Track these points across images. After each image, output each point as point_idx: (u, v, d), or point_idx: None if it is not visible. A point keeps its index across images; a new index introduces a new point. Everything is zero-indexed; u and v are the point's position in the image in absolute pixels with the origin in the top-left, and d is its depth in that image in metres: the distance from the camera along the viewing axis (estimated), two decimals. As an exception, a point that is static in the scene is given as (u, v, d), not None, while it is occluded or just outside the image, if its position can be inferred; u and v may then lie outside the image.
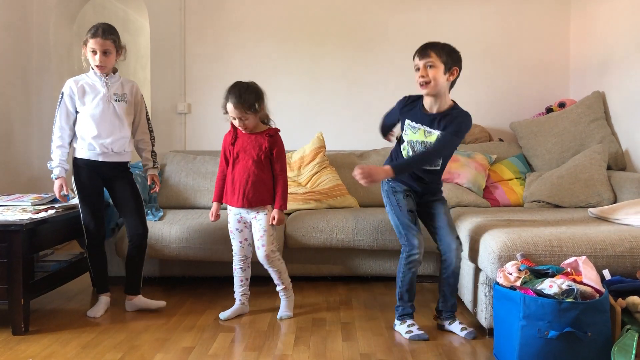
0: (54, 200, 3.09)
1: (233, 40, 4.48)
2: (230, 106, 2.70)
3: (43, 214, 2.76)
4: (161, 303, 2.94)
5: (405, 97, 2.66)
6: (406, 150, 2.60)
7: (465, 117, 2.50)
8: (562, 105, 4.08)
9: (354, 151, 4.18)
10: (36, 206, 2.91)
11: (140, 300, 2.93)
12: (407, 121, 2.59)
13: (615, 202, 3.24)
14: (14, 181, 4.14)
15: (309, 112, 4.47)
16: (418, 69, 2.48)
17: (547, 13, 4.38)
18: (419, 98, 2.60)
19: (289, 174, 3.85)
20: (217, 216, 2.90)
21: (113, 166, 2.87)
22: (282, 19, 4.46)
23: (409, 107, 2.61)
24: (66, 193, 2.87)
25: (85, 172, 2.85)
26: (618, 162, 3.59)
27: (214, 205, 2.90)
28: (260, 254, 2.78)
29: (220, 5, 4.47)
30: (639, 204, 2.76)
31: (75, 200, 3.07)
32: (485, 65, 4.41)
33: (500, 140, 4.23)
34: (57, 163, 2.84)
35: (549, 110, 4.16)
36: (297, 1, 4.45)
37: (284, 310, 2.85)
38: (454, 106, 2.55)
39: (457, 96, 2.59)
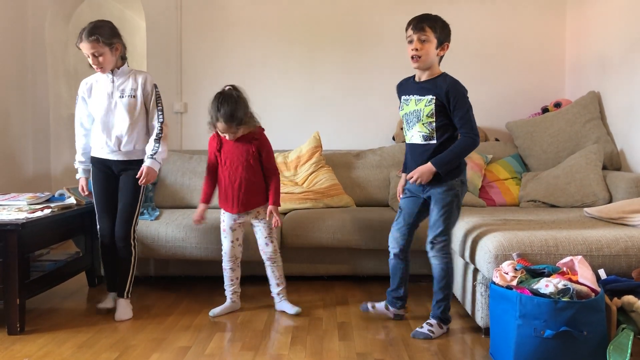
0: (50, 200, 3.08)
1: (229, 40, 4.47)
2: (221, 125, 2.70)
3: (39, 214, 2.75)
4: (125, 316, 2.79)
5: (397, 84, 2.72)
6: (405, 129, 2.63)
7: (455, 81, 2.50)
8: (557, 105, 4.09)
9: (350, 151, 4.18)
10: (32, 205, 2.90)
11: (119, 303, 2.83)
12: (402, 98, 2.64)
13: (610, 201, 3.26)
14: (10, 180, 4.12)
15: (305, 111, 4.47)
16: (411, 41, 2.50)
17: (543, 13, 4.39)
18: (411, 77, 2.66)
19: (286, 173, 3.85)
20: (201, 219, 2.89)
21: (123, 163, 2.82)
22: (278, 18, 4.45)
23: (402, 86, 2.68)
24: (86, 193, 2.93)
25: (98, 171, 2.85)
26: (613, 162, 3.60)
27: (201, 206, 2.90)
28: (270, 250, 2.85)
29: (216, 4, 4.46)
30: (634, 203, 2.77)
31: (71, 200, 3.06)
32: (482, 65, 4.41)
33: (497, 140, 4.24)
34: (77, 164, 2.91)
35: (545, 110, 4.17)
36: (293, 1, 4.44)
37: (291, 307, 2.85)
38: (442, 74, 2.55)
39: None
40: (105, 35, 2.66)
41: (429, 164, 2.47)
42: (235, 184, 2.79)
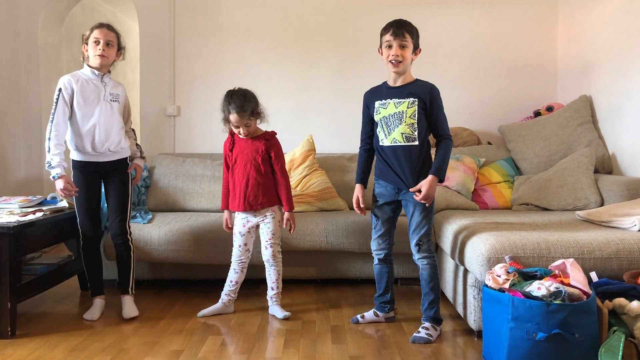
0: (42, 203, 3.06)
1: (223, 43, 4.47)
2: (234, 117, 2.77)
3: (30, 217, 2.73)
4: (133, 313, 2.85)
5: (366, 92, 2.75)
6: (382, 133, 2.63)
7: (433, 86, 2.59)
8: (550, 109, 4.11)
9: (343, 154, 4.19)
10: (23, 209, 2.88)
11: (125, 301, 2.90)
12: (376, 103, 2.65)
13: (602, 205, 3.27)
14: (1, 183, 4.10)
15: (298, 114, 4.47)
16: (389, 46, 2.57)
17: (535, 17, 4.42)
18: (381, 84, 2.71)
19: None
20: (230, 227, 2.95)
21: (112, 163, 2.88)
22: (272, 21, 4.46)
23: (375, 93, 2.70)
24: (72, 189, 2.70)
25: (83, 173, 2.83)
26: (605, 166, 3.63)
27: (225, 213, 2.97)
28: (268, 253, 2.88)
29: (210, 7, 4.46)
30: (625, 206, 2.79)
31: (64, 204, 3.05)
32: (474, 69, 4.43)
33: (489, 143, 4.26)
34: (57, 162, 2.66)
35: (537, 114, 4.19)
36: (287, 4, 4.45)
37: (281, 311, 2.86)
38: (417, 79, 2.64)
39: (447, 100, 2.61)
40: (120, 37, 2.91)
41: (431, 177, 2.50)
42: (243, 182, 2.84)
